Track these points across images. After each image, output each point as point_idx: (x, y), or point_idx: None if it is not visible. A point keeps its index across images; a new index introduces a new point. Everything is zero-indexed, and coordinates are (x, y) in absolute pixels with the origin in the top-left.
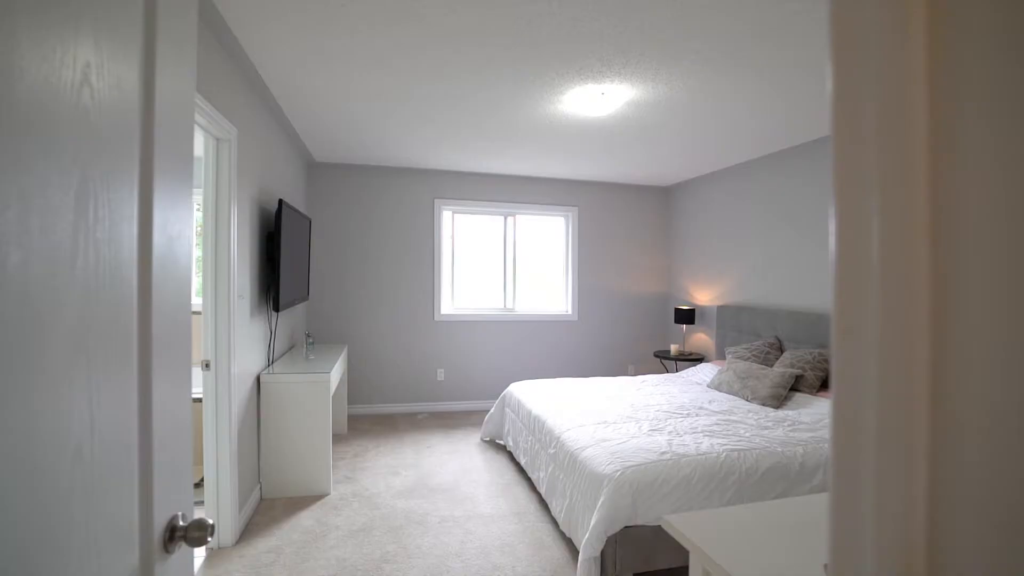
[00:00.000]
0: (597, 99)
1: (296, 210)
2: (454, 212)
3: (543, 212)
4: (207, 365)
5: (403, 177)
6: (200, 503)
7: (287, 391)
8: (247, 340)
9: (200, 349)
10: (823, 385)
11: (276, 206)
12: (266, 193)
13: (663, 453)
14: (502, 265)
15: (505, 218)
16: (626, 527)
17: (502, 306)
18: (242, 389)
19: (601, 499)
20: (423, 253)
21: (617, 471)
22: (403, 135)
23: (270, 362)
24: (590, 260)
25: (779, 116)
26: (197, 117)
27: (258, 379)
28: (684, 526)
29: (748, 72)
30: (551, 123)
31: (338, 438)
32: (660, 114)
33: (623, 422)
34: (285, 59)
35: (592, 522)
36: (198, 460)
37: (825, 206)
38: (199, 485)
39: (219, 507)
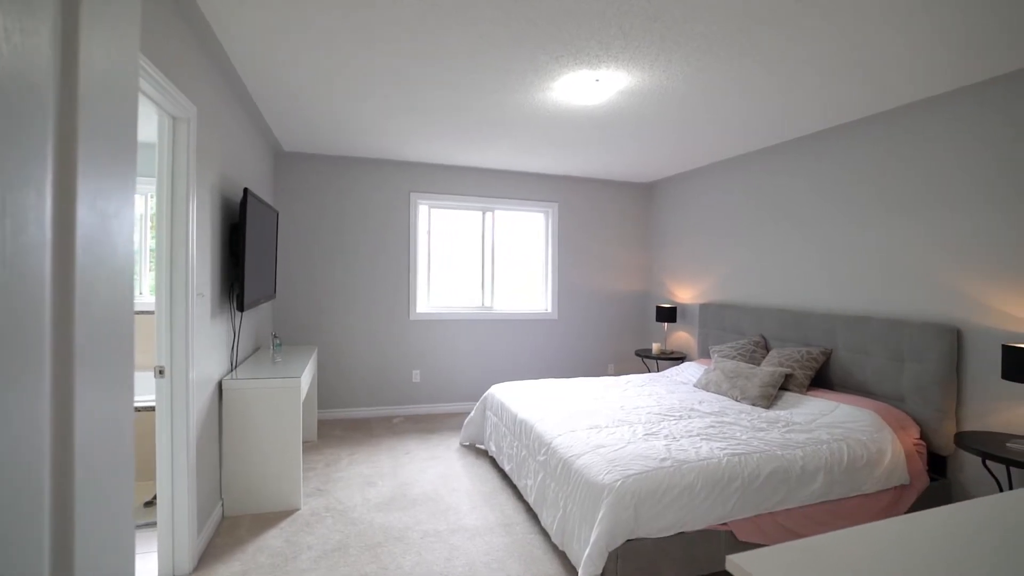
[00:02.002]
0: (590, 86)
1: (263, 201)
2: (431, 206)
3: (523, 207)
4: (161, 371)
5: (378, 169)
6: (152, 525)
7: (252, 398)
8: (207, 342)
9: (154, 353)
10: (812, 383)
11: (240, 196)
12: (229, 181)
13: (663, 460)
14: (480, 262)
15: (483, 213)
16: (628, 540)
17: (480, 304)
18: (202, 396)
19: (601, 511)
20: (398, 249)
21: (617, 480)
22: (380, 123)
23: (233, 366)
24: (570, 257)
25: (774, 110)
26: (148, 87)
27: (220, 385)
28: (754, 566)
29: (748, 61)
30: (539, 112)
31: (308, 446)
32: (653, 104)
33: (616, 426)
34: (253, 34)
35: (592, 537)
36: (150, 476)
37: (815, 202)
38: (151, 504)
39: (175, 529)
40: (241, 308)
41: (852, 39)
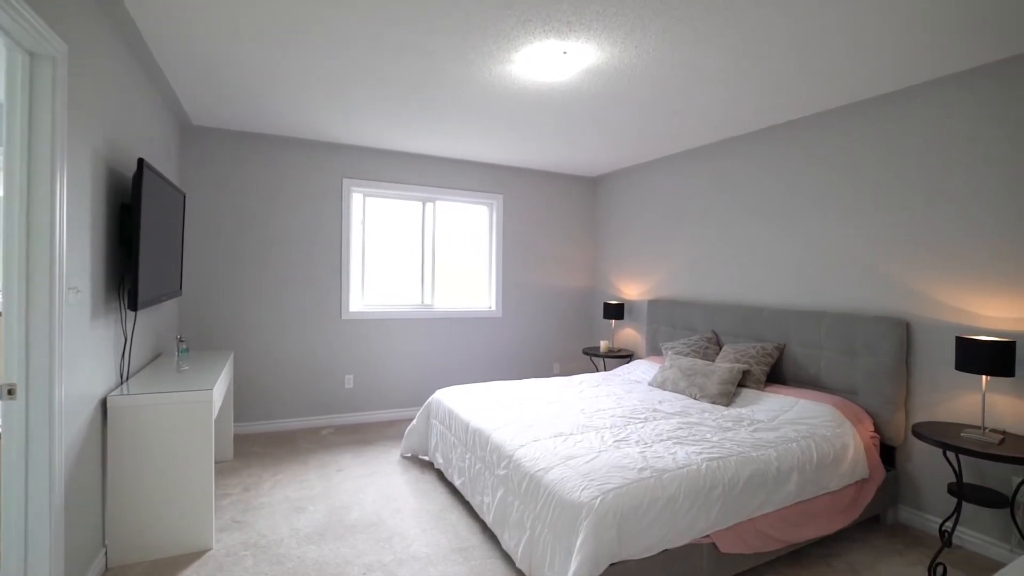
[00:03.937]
0: (556, 60)
1: (164, 178)
2: (366, 195)
3: (466, 199)
4: (11, 391)
5: (306, 151)
6: None
7: (150, 416)
8: (85, 350)
9: (1, 367)
10: (767, 379)
11: (134, 169)
12: (119, 150)
13: (642, 470)
14: (420, 257)
15: (424, 204)
16: (611, 564)
17: (420, 302)
18: (76, 419)
19: (581, 534)
20: (329, 241)
21: (596, 497)
22: (312, 96)
23: (123, 378)
24: (515, 253)
25: (747, 98)
26: None
27: (104, 403)
28: None
29: (731, 41)
30: (496, 88)
31: (222, 468)
32: (621, 85)
33: (581, 432)
34: None
35: (573, 567)
36: None
37: (767, 196)
38: None
39: None
40: (134, 307)
41: (843, 22)
